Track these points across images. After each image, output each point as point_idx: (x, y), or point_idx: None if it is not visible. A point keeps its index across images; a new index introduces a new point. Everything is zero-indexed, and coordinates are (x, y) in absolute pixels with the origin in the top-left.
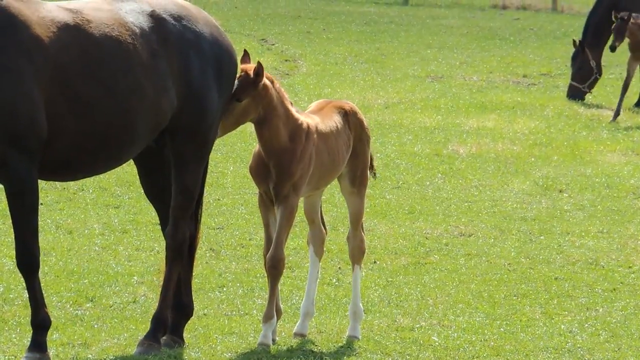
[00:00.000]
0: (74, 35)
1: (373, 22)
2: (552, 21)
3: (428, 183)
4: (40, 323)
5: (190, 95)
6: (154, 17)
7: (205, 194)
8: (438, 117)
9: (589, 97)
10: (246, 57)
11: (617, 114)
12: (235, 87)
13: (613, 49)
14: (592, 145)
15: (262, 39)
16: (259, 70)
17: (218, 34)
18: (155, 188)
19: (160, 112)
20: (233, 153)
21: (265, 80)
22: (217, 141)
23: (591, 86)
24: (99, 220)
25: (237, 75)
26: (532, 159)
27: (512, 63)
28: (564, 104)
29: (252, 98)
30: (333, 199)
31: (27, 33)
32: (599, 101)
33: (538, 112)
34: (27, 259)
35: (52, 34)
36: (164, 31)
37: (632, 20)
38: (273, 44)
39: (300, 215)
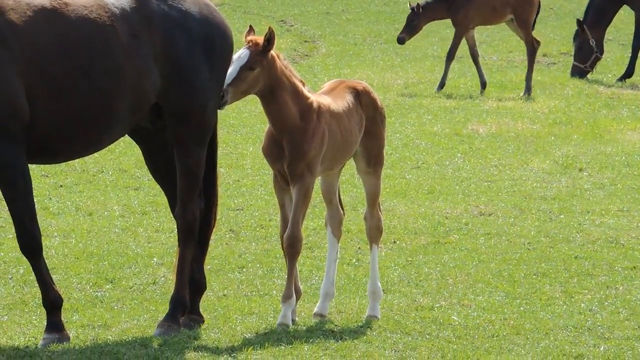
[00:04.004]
0: (51, 19)
1: (392, 3)
2: (571, 0)
3: (448, 163)
4: (52, 303)
5: (176, 74)
6: None
7: (224, 175)
8: (458, 97)
9: (608, 76)
10: (251, 31)
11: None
12: (247, 56)
13: (400, 40)
14: (612, 123)
15: (281, 20)
16: (271, 36)
17: (208, 12)
18: (160, 170)
19: (141, 94)
20: (252, 134)
21: (272, 51)
22: (236, 122)
23: (592, 65)
24: (118, 202)
25: (247, 45)
26: (552, 138)
27: None
28: (584, 82)
29: (262, 67)
30: (352, 179)
31: (3, 19)
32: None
33: (558, 91)
34: (29, 243)
35: (28, 19)
36: (147, 11)
37: None
38: (292, 25)
39: (319, 195)
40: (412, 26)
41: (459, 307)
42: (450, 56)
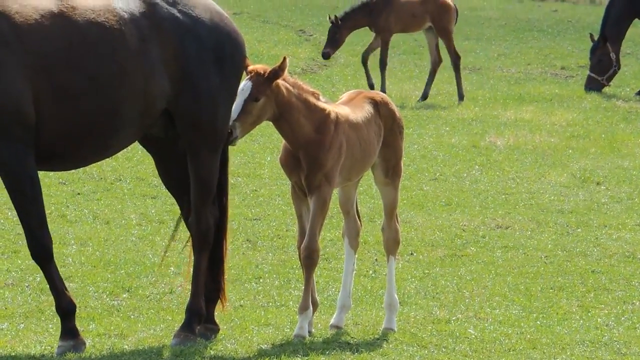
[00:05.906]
0: (57, 22)
1: None
2: (590, 13)
3: (465, 175)
4: (66, 309)
5: (186, 80)
6: (146, 2)
7: (242, 185)
8: (476, 109)
9: (626, 90)
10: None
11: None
12: (250, 87)
13: (325, 55)
14: (630, 137)
15: (300, 30)
16: (283, 65)
17: (219, 20)
18: (171, 179)
19: (149, 99)
20: (270, 144)
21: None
22: (254, 132)
23: (610, 79)
24: (136, 210)
25: (249, 76)
26: (570, 151)
27: (550, 55)
28: (602, 96)
29: (267, 96)
30: (370, 190)
31: (7, 23)
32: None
33: (576, 104)
34: (39, 250)
35: (34, 22)
36: (157, 17)
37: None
38: (311, 35)
39: (337, 206)
40: (335, 39)
41: (475, 321)
42: (383, 64)
